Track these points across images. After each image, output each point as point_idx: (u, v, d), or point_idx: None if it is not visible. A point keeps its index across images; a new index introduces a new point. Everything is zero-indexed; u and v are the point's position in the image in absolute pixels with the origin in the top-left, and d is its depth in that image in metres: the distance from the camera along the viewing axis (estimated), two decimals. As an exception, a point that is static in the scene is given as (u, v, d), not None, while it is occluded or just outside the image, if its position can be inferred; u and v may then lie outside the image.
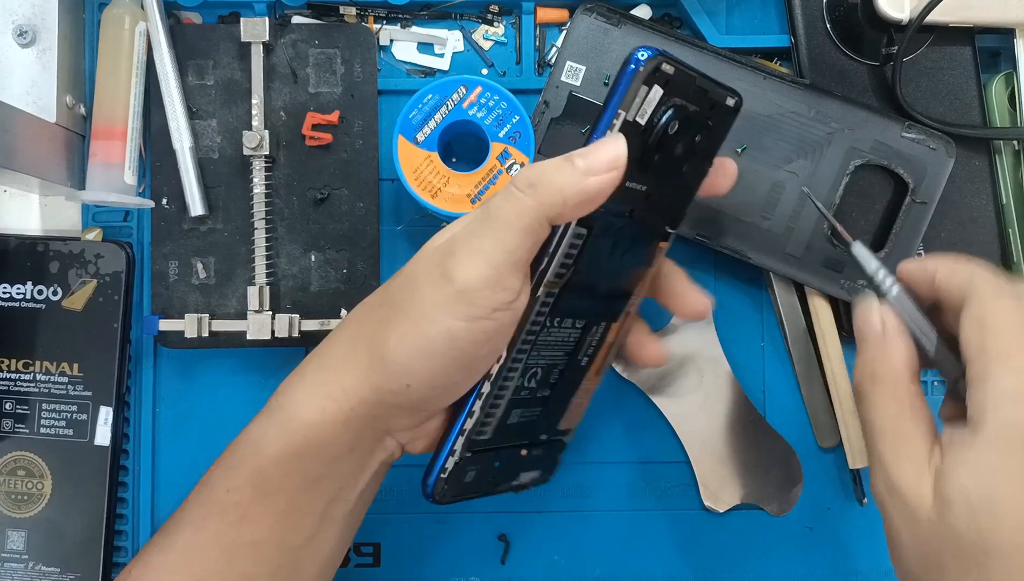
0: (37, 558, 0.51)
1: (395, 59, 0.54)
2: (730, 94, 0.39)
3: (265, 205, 0.52)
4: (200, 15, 0.54)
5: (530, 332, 0.37)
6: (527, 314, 0.36)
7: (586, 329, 0.40)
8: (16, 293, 0.51)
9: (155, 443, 0.54)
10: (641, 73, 0.34)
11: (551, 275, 0.36)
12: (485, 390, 0.36)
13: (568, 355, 0.40)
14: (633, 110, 0.34)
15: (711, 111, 0.38)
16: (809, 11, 0.52)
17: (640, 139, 0.35)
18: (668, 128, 0.36)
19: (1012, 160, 0.53)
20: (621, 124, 0.34)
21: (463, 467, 0.38)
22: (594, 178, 0.33)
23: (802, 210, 0.51)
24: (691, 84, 0.36)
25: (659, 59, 0.34)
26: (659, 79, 0.35)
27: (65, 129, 0.51)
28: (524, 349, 0.37)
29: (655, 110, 0.35)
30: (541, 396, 0.40)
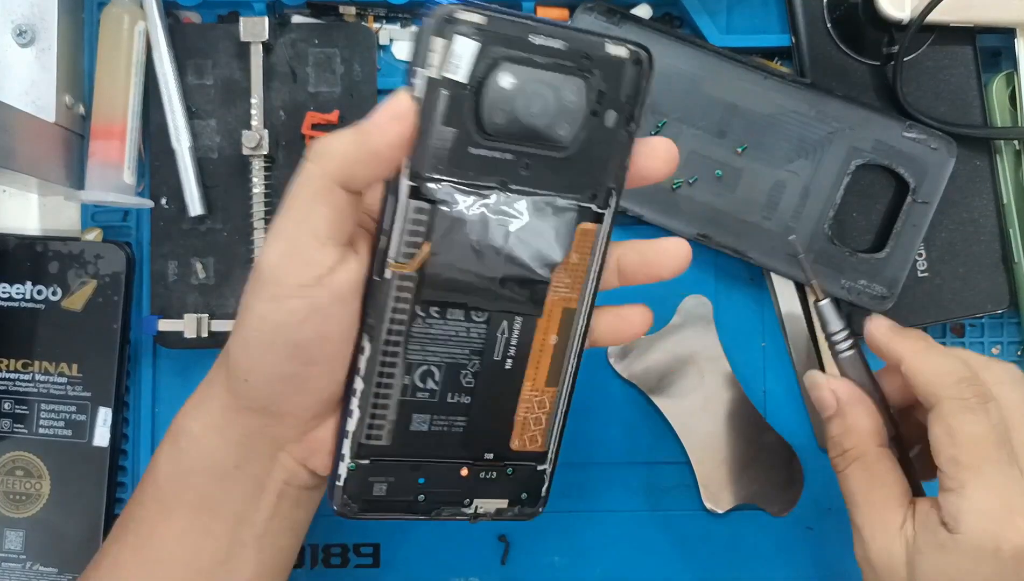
0: (35, 558, 0.51)
1: (395, 58, 0.54)
2: (614, 43, 0.34)
3: (264, 205, 0.52)
4: (199, 14, 0.54)
5: (395, 321, 0.34)
6: (379, 298, 0.33)
7: (491, 323, 0.35)
8: (15, 293, 0.51)
9: (154, 444, 0.53)
10: (429, 25, 0.31)
11: (397, 255, 0.33)
12: (358, 386, 0.34)
13: (477, 355, 0.36)
14: (433, 67, 0.31)
15: (588, 66, 0.33)
16: (810, 10, 0.52)
17: (472, 98, 0.32)
18: (502, 84, 0.32)
19: (1013, 160, 0.53)
20: (424, 82, 0.31)
21: (364, 477, 0.35)
22: (375, 130, 0.31)
23: (803, 210, 0.51)
24: (526, 37, 0.32)
25: (452, 7, 0.31)
26: (463, 31, 0.31)
27: (64, 129, 0.51)
28: (395, 340, 0.34)
29: (474, 64, 0.31)
30: (455, 402, 0.36)
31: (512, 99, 0.32)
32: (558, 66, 0.33)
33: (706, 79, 0.50)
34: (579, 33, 0.33)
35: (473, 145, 0.32)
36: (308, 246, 0.32)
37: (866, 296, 0.51)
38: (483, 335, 0.35)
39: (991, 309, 0.53)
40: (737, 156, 0.51)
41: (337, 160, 0.32)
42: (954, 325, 0.55)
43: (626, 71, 0.34)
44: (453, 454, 0.37)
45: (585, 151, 0.34)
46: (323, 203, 0.32)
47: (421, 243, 0.33)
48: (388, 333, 0.34)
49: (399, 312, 0.34)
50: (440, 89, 0.31)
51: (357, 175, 0.32)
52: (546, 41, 0.32)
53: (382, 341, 0.34)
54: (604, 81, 0.34)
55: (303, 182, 0.32)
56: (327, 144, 0.32)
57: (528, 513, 0.39)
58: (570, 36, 0.33)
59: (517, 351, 0.36)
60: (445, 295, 0.34)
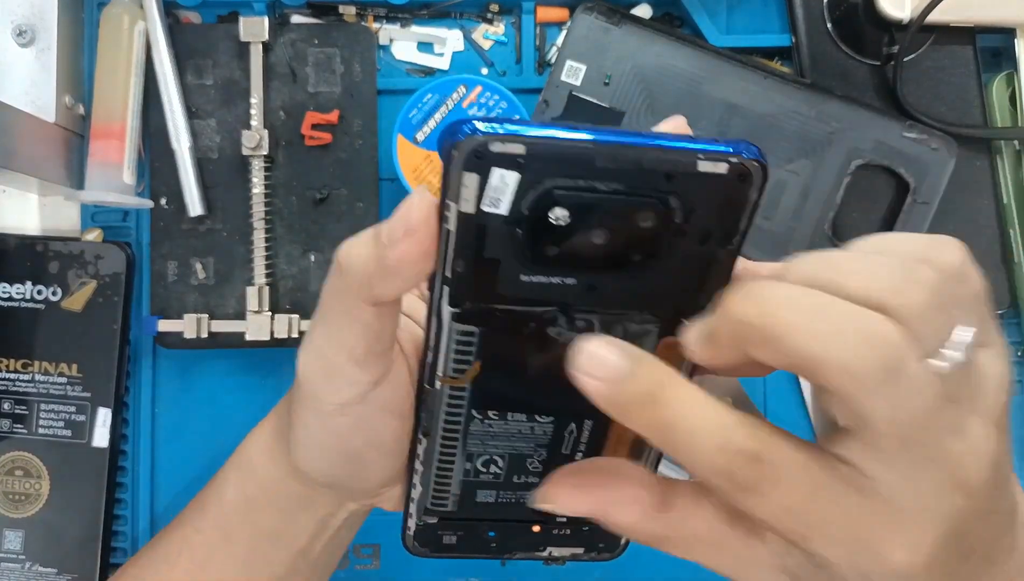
0: (34, 558, 0.51)
1: (394, 58, 0.54)
2: (711, 158, 0.26)
3: (264, 205, 0.51)
4: (199, 14, 0.54)
5: (450, 422, 0.32)
6: (431, 404, 0.31)
7: (558, 425, 0.33)
8: (16, 293, 0.51)
9: (154, 444, 0.53)
10: (457, 159, 0.25)
11: (446, 371, 0.30)
12: (418, 467, 0.33)
13: (544, 447, 0.34)
14: (468, 201, 0.26)
15: (667, 184, 0.26)
16: (810, 10, 0.52)
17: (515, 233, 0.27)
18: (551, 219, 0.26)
19: (1013, 160, 0.53)
20: (456, 217, 0.26)
21: (433, 531, 0.34)
22: (392, 251, 0.27)
23: (803, 210, 0.51)
24: (585, 159, 0.25)
25: (480, 141, 0.25)
26: (500, 162, 0.25)
27: (64, 129, 0.51)
28: (452, 438, 0.32)
29: (516, 196, 0.26)
30: (524, 482, 0.34)
31: (568, 232, 0.26)
32: (628, 190, 0.26)
33: (706, 79, 0.50)
34: (659, 150, 0.26)
35: (524, 273, 0.27)
36: (346, 366, 0.30)
37: (866, 296, 0.51)
38: (549, 432, 0.33)
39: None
40: (737, 156, 0.51)
41: (358, 277, 0.28)
42: (954, 325, 0.55)
43: (726, 188, 0.27)
44: (524, 516, 0.35)
45: (669, 271, 0.28)
46: (354, 320, 0.29)
47: (472, 361, 0.30)
48: (444, 431, 0.32)
49: (453, 415, 0.32)
50: (477, 223, 0.26)
51: (380, 294, 0.29)
52: (611, 163, 0.26)
53: (439, 439, 0.32)
54: (694, 201, 0.27)
55: (331, 296, 0.30)
56: (348, 256, 0.28)
57: (606, 557, 0.37)
58: (644, 156, 0.26)
59: (588, 446, 0.34)
60: (502, 404, 0.32)
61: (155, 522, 0.53)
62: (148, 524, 0.53)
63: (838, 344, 0.23)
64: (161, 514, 0.53)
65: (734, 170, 0.26)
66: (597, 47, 0.51)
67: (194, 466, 0.53)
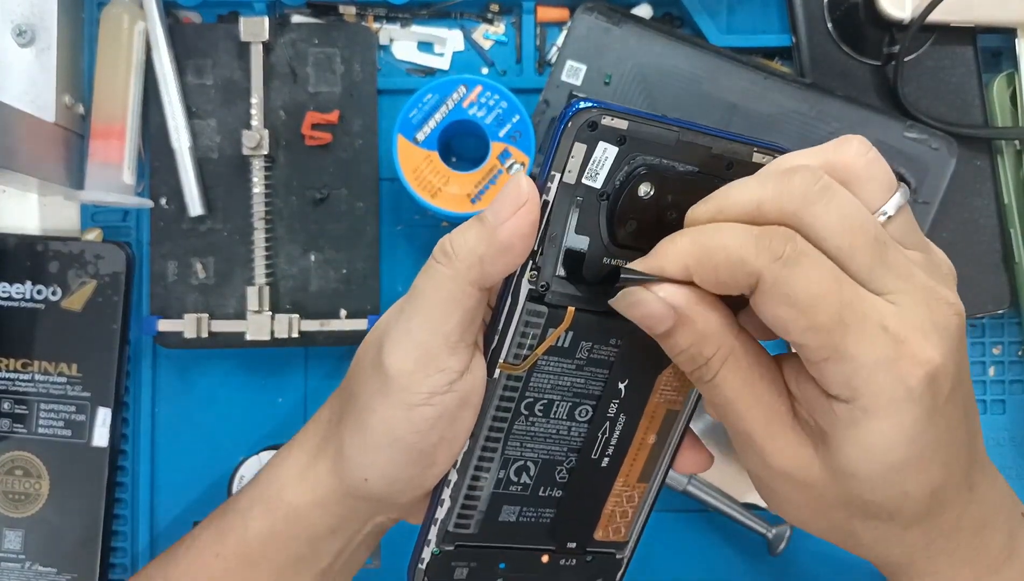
0: (34, 558, 0.51)
1: (395, 58, 0.54)
2: (762, 151, 0.31)
3: (264, 205, 0.51)
4: (199, 14, 0.54)
5: (497, 419, 0.33)
6: (488, 399, 0.32)
7: (594, 423, 0.35)
8: (15, 293, 0.51)
9: (154, 444, 0.53)
10: (570, 129, 0.29)
11: (508, 356, 0.32)
12: (452, 477, 0.34)
13: (575, 452, 0.35)
14: (572, 172, 0.29)
15: (728, 172, 0.31)
16: (810, 10, 0.52)
17: (607, 205, 0.30)
18: (640, 193, 0.30)
19: (1014, 160, 0.53)
20: (557, 186, 0.29)
21: (446, 562, 0.35)
22: (504, 227, 0.29)
23: (803, 210, 0.51)
24: (670, 141, 0.30)
25: (595, 113, 0.29)
26: (607, 137, 0.29)
27: (64, 129, 0.51)
28: (495, 437, 0.33)
29: (611, 169, 0.30)
30: (547, 495, 0.36)
31: (648, 208, 0.30)
32: (699, 171, 0.31)
33: (706, 79, 0.50)
34: (727, 141, 0.31)
35: (605, 254, 0.31)
36: (441, 353, 0.31)
37: (867, 296, 0.51)
38: (584, 434, 0.35)
39: (992, 309, 0.53)
40: (737, 156, 0.51)
41: (469, 260, 0.30)
42: (955, 325, 0.55)
43: None
44: (537, 542, 0.36)
45: None
46: (457, 307, 0.31)
47: (534, 346, 0.32)
48: (489, 430, 0.33)
49: (502, 411, 0.33)
50: (575, 195, 0.30)
51: (490, 273, 0.30)
52: (689, 147, 0.30)
53: (482, 438, 0.33)
54: None
55: (435, 285, 0.31)
56: (456, 244, 0.31)
57: None
58: (715, 143, 0.31)
59: (615, 449, 0.35)
60: (551, 395, 0.33)
61: (155, 522, 0.53)
62: (148, 524, 0.53)
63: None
64: (161, 513, 0.53)
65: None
66: (597, 47, 0.51)
67: (194, 466, 0.53)
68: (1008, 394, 0.55)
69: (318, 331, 0.51)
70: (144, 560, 0.53)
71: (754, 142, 0.31)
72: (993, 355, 0.55)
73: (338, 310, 0.52)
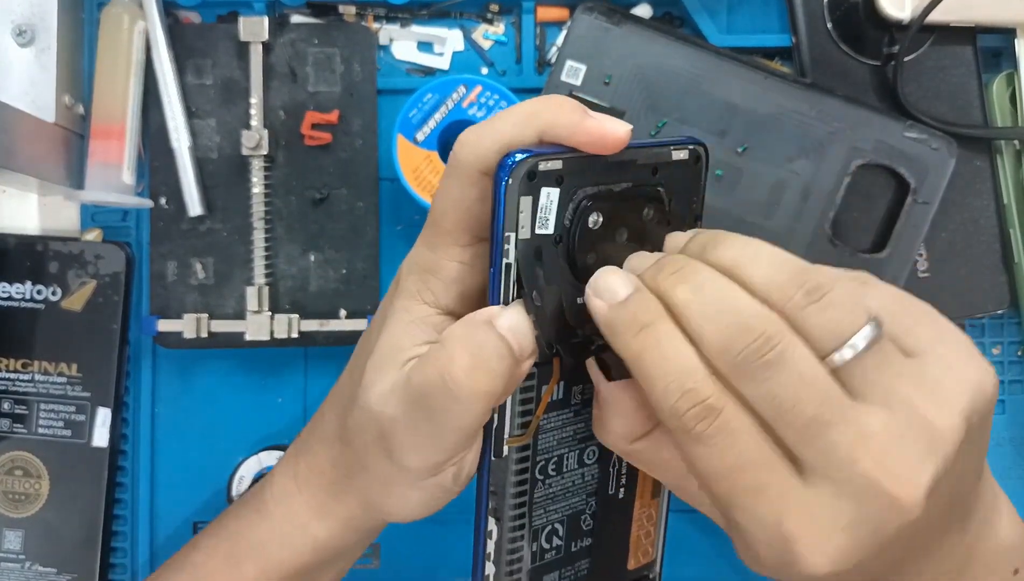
0: (34, 558, 0.51)
1: (394, 58, 0.54)
2: (677, 148, 0.32)
3: (264, 205, 0.51)
4: (199, 14, 0.54)
5: (517, 494, 0.33)
6: (500, 476, 0.32)
7: (603, 459, 0.35)
8: (15, 293, 0.51)
9: (153, 444, 0.53)
10: (513, 185, 0.28)
11: (512, 430, 0.32)
12: (489, 571, 0.33)
13: (593, 495, 0.35)
14: (524, 227, 0.29)
15: (655, 177, 0.32)
16: (810, 10, 0.52)
17: (564, 246, 0.30)
18: (589, 224, 0.30)
19: (1013, 160, 0.53)
20: (515, 246, 0.29)
21: None
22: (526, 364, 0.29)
23: (803, 210, 0.51)
24: (599, 166, 0.30)
25: (531, 162, 0.28)
26: (546, 180, 0.29)
27: (64, 129, 0.51)
28: (520, 513, 0.33)
29: (558, 212, 0.30)
30: (579, 548, 0.36)
31: (602, 236, 0.31)
32: (633, 185, 0.31)
33: (706, 79, 0.50)
34: (646, 148, 0.32)
35: (577, 293, 0.31)
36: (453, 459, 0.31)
37: (866, 296, 0.51)
38: (596, 475, 0.35)
39: (992, 309, 0.53)
40: (738, 156, 0.51)
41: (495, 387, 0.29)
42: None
43: (688, 170, 0.33)
44: None
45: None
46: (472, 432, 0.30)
47: (533, 409, 0.32)
48: (513, 508, 0.33)
49: (520, 484, 0.33)
50: (534, 246, 0.30)
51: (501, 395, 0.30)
52: (618, 165, 0.31)
53: (507, 521, 0.33)
54: (672, 186, 0.33)
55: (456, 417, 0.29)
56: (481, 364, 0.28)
57: None
58: (639, 154, 0.31)
59: (627, 478, 0.36)
60: (559, 451, 0.34)
61: (155, 522, 0.53)
62: (148, 524, 0.53)
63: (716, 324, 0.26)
64: (161, 513, 0.53)
65: (692, 154, 0.33)
66: (597, 47, 0.51)
67: (194, 466, 0.53)
68: (1008, 394, 0.55)
69: (318, 331, 0.51)
70: (143, 559, 0.53)
71: (670, 142, 0.32)
72: (993, 355, 0.55)
73: (338, 310, 0.52)
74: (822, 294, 0.26)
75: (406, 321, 0.31)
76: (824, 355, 0.26)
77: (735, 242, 0.28)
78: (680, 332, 0.27)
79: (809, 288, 0.26)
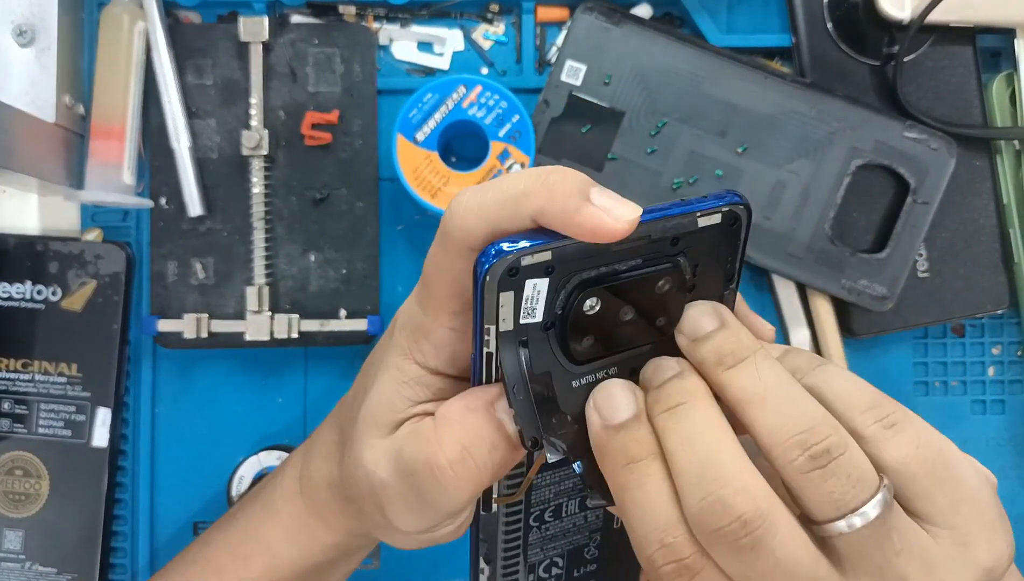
0: (34, 558, 0.51)
1: (394, 58, 0.54)
2: (706, 214, 0.27)
3: (264, 205, 0.51)
4: (199, 14, 0.54)
5: (509, 540, 0.32)
6: (489, 528, 0.32)
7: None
8: (16, 293, 0.51)
9: (153, 444, 0.53)
10: (491, 283, 0.26)
11: (500, 491, 0.31)
12: None
13: (597, 532, 0.34)
14: (506, 320, 0.26)
15: (674, 248, 0.28)
16: (810, 10, 0.52)
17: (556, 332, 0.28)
18: (585, 310, 0.27)
19: (1013, 160, 0.53)
20: (495, 339, 0.27)
21: None
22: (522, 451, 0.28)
23: (803, 210, 0.51)
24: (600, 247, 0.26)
25: (511, 259, 0.25)
26: (531, 273, 0.26)
27: (64, 129, 0.51)
28: (512, 556, 0.33)
29: (548, 301, 0.27)
30: (583, 573, 0.35)
31: (599, 318, 0.27)
32: (644, 263, 0.28)
33: (706, 79, 0.50)
34: (664, 220, 0.27)
35: (571, 377, 0.28)
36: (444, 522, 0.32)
37: (866, 296, 0.51)
38: (600, 515, 0.34)
39: (991, 309, 0.53)
40: (737, 156, 0.51)
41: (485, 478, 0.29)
42: (954, 325, 0.55)
43: (722, 234, 0.28)
44: None
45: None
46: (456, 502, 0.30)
47: (525, 473, 0.31)
48: (504, 551, 0.32)
49: (512, 534, 0.32)
50: (519, 336, 0.27)
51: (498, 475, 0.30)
52: (624, 243, 0.26)
53: (499, 561, 0.32)
54: (697, 254, 0.28)
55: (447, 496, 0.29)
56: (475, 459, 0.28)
57: None
58: (653, 229, 0.27)
59: None
60: (557, 500, 0.33)
61: (155, 522, 0.53)
62: (148, 524, 0.53)
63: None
64: (161, 513, 0.53)
65: (727, 218, 0.28)
66: (597, 47, 0.51)
67: (194, 466, 0.53)
68: (1008, 394, 0.55)
69: (318, 331, 0.51)
70: (143, 559, 0.53)
71: (697, 206, 0.27)
72: (993, 355, 0.55)
73: (338, 310, 0.52)
74: (829, 460, 0.23)
75: (399, 380, 0.30)
76: (819, 523, 0.24)
77: (747, 370, 0.25)
78: (667, 480, 0.25)
79: (815, 452, 0.23)
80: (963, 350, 0.55)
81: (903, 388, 0.55)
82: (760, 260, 0.51)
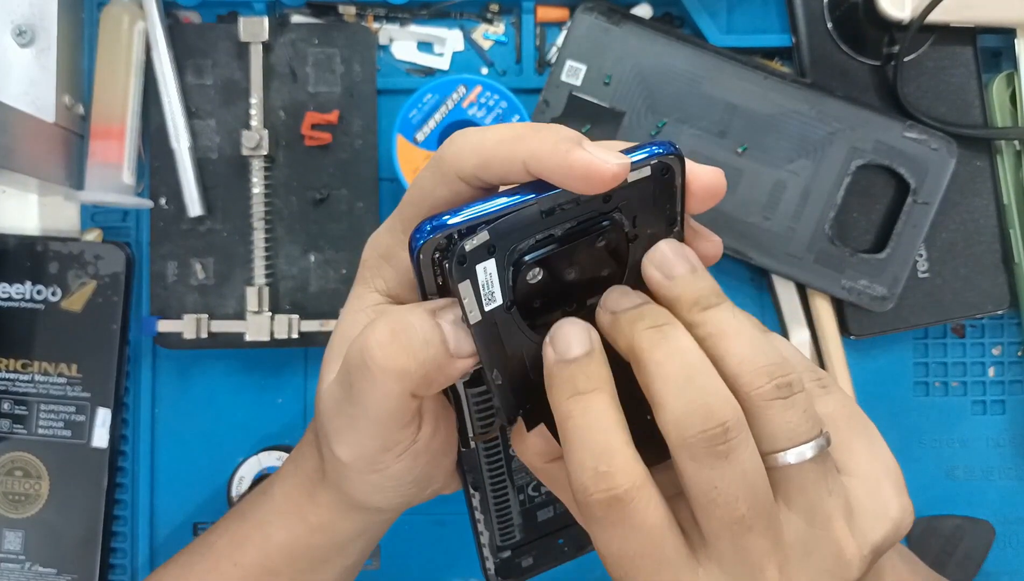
0: (34, 559, 0.51)
1: (394, 58, 0.54)
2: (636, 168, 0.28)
3: (264, 205, 0.51)
4: (199, 14, 0.54)
5: (494, 469, 0.34)
6: (472, 460, 0.33)
7: None
8: (15, 293, 0.51)
9: (153, 444, 0.53)
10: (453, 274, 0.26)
11: (475, 431, 0.32)
12: (479, 517, 0.34)
13: None
14: (474, 310, 0.27)
15: (607, 205, 0.28)
16: (810, 10, 0.52)
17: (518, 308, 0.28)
18: (529, 280, 0.28)
19: (1013, 160, 0.53)
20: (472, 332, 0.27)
21: (510, 562, 0.35)
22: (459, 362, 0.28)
23: (803, 210, 0.51)
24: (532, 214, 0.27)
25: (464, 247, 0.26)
26: (477, 257, 0.27)
27: (64, 129, 0.51)
28: (499, 482, 0.34)
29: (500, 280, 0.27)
30: None
31: (547, 283, 0.28)
32: (579, 224, 0.28)
33: (706, 79, 0.50)
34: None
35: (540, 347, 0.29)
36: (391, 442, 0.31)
37: (866, 296, 0.51)
38: None
39: (991, 309, 0.53)
40: (737, 156, 0.51)
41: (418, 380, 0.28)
42: (955, 325, 0.55)
43: (655, 186, 0.29)
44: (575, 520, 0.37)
45: (636, 271, 0.30)
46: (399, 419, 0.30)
47: (493, 416, 0.32)
48: (491, 479, 0.34)
49: (494, 462, 0.34)
50: (490, 323, 0.28)
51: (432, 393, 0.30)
52: (557, 209, 0.27)
53: (488, 488, 0.34)
54: (634, 208, 0.29)
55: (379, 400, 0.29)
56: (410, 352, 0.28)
57: None
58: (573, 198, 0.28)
59: None
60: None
61: (154, 523, 0.53)
62: (148, 524, 0.53)
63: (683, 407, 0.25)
64: (161, 514, 0.53)
65: (656, 169, 0.28)
66: (597, 47, 0.51)
67: (194, 467, 0.53)
68: (1008, 394, 0.55)
69: (318, 331, 0.51)
70: (143, 560, 0.53)
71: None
72: (993, 355, 0.55)
73: (338, 310, 0.52)
74: (791, 393, 0.26)
75: (357, 309, 0.31)
76: (770, 452, 0.26)
77: (724, 311, 0.27)
78: (614, 410, 0.26)
79: (780, 383, 0.26)
80: (963, 350, 0.55)
81: (903, 388, 0.55)
82: (760, 260, 0.51)
